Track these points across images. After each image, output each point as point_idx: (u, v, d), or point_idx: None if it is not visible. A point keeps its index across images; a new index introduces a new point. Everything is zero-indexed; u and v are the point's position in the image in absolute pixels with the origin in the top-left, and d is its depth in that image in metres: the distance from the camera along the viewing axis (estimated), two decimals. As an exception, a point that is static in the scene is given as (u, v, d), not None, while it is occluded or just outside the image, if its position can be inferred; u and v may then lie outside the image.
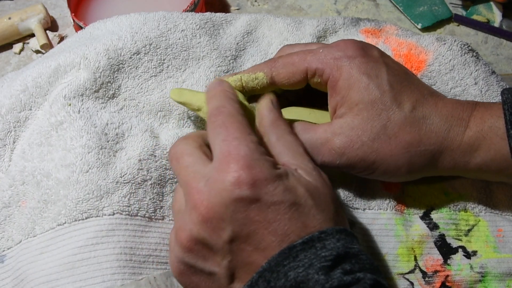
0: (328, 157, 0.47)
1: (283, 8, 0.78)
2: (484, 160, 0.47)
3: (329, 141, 0.47)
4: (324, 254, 0.37)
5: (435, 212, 0.52)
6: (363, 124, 0.46)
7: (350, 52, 0.48)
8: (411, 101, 0.47)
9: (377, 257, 0.49)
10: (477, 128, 0.47)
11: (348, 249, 0.38)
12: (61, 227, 0.46)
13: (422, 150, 0.47)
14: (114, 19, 0.58)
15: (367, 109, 0.46)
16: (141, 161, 0.49)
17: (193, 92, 0.50)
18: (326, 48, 0.49)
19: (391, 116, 0.46)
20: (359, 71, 0.47)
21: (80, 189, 0.47)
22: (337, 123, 0.47)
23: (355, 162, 0.47)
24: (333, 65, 0.48)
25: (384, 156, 0.46)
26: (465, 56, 0.57)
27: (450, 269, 0.50)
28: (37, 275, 0.44)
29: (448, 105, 0.48)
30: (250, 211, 0.38)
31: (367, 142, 0.46)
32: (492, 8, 0.78)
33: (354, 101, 0.47)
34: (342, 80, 0.47)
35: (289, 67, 0.49)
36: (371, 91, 0.46)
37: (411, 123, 0.46)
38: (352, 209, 0.51)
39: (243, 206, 0.38)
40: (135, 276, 0.45)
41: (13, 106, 0.52)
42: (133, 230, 0.46)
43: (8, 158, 0.51)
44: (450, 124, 0.47)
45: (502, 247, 0.51)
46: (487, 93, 0.56)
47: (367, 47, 0.49)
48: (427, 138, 0.47)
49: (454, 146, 0.47)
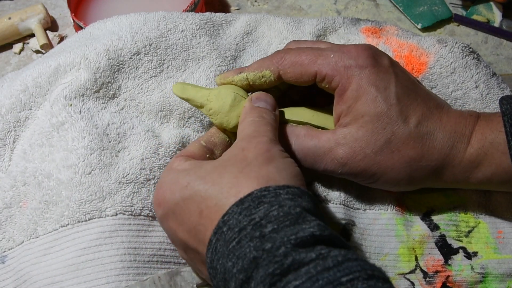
0: (330, 165, 0.47)
1: (283, 8, 0.78)
2: (486, 175, 0.48)
3: (332, 151, 0.47)
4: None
5: (435, 214, 0.52)
6: (367, 136, 0.46)
7: (361, 61, 0.47)
8: (417, 115, 0.47)
9: (378, 257, 0.50)
10: (478, 144, 0.47)
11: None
12: (64, 228, 0.46)
13: (424, 165, 0.47)
14: (114, 19, 0.58)
15: (373, 121, 0.46)
16: (143, 160, 0.49)
17: (196, 88, 0.49)
18: (337, 54, 0.48)
19: (396, 131, 0.46)
20: (369, 82, 0.47)
21: (83, 191, 0.47)
22: (341, 132, 0.47)
23: (357, 172, 0.47)
24: (343, 73, 0.47)
25: (385, 169, 0.47)
26: (466, 59, 0.57)
27: (451, 270, 0.50)
28: (41, 277, 0.45)
29: (451, 120, 0.48)
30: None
31: (370, 154, 0.46)
32: (492, 8, 0.78)
33: (360, 112, 0.47)
34: (351, 90, 0.47)
35: (297, 68, 0.48)
36: (378, 104, 0.46)
37: (415, 139, 0.47)
38: (353, 209, 0.51)
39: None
40: (139, 277, 0.45)
41: (13, 106, 0.52)
42: (137, 230, 0.46)
43: (8, 158, 0.51)
44: (453, 140, 0.47)
45: (503, 248, 0.51)
46: (488, 96, 0.56)
47: (378, 55, 0.49)
48: (429, 154, 0.47)
49: (456, 163, 0.47)
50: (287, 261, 0.34)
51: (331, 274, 0.33)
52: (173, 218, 0.42)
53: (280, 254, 0.35)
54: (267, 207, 0.37)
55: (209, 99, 0.48)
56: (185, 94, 0.49)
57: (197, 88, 0.49)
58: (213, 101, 0.48)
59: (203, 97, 0.48)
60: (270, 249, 0.35)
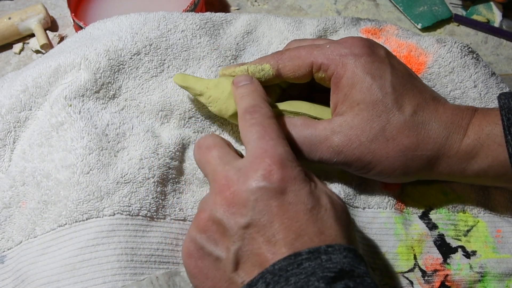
0: (326, 154, 0.48)
1: (283, 8, 0.78)
2: (482, 167, 0.47)
3: (328, 139, 0.47)
4: (329, 266, 0.37)
5: (434, 212, 0.52)
6: (363, 124, 0.47)
7: (357, 50, 0.48)
8: (412, 105, 0.47)
9: (377, 256, 0.50)
10: (475, 135, 0.47)
11: (354, 268, 0.38)
12: (62, 228, 0.46)
13: (419, 155, 0.47)
14: (114, 19, 0.58)
15: (368, 109, 0.47)
16: (142, 160, 0.49)
17: (196, 78, 0.51)
18: (333, 44, 0.49)
19: (391, 119, 0.47)
20: (364, 71, 0.47)
21: (80, 190, 0.47)
22: (337, 121, 0.47)
23: (352, 161, 0.47)
24: (338, 61, 0.48)
25: (380, 158, 0.47)
26: (465, 58, 0.57)
27: (450, 269, 0.50)
28: (38, 276, 0.45)
29: (448, 111, 0.48)
30: (272, 202, 0.39)
31: (365, 142, 0.46)
32: (492, 8, 0.78)
33: (356, 100, 0.47)
34: (346, 77, 0.47)
35: (295, 60, 0.49)
36: (374, 91, 0.47)
37: (410, 127, 0.47)
38: (351, 208, 0.51)
39: (267, 196, 0.39)
40: (136, 277, 0.45)
41: (13, 106, 0.52)
42: (134, 230, 0.46)
43: (8, 158, 0.51)
44: (449, 131, 0.47)
45: (501, 248, 0.51)
46: (486, 96, 0.56)
47: (374, 45, 0.49)
48: (424, 143, 0.47)
49: (451, 153, 0.47)
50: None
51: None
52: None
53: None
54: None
55: (208, 87, 0.50)
56: (185, 83, 0.50)
57: (197, 78, 0.51)
58: (212, 89, 0.50)
59: (202, 85, 0.50)
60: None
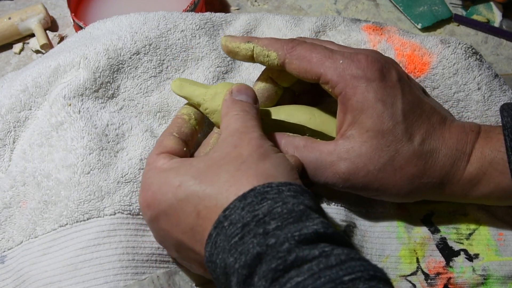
0: (332, 179, 0.47)
1: (283, 8, 0.78)
2: (484, 193, 0.48)
3: (334, 165, 0.46)
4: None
5: (436, 217, 0.52)
6: (371, 152, 0.46)
7: (369, 73, 0.46)
8: (421, 133, 0.47)
9: (379, 259, 0.49)
10: (477, 164, 0.47)
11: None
12: (63, 228, 0.46)
13: (425, 182, 0.47)
14: (114, 19, 0.58)
15: (377, 138, 0.46)
16: (142, 160, 0.49)
17: (193, 87, 0.49)
18: (346, 61, 0.47)
19: (400, 149, 0.46)
20: (375, 97, 0.46)
21: (81, 190, 0.47)
22: (344, 146, 0.46)
23: (358, 188, 0.47)
24: (348, 82, 0.46)
25: (387, 186, 0.47)
26: (469, 60, 0.57)
27: (453, 272, 0.50)
28: (39, 277, 0.44)
29: (453, 136, 0.47)
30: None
31: (372, 171, 0.46)
32: (492, 8, 0.78)
33: (365, 126, 0.46)
34: (356, 101, 0.46)
35: (304, 63, 0.47)
36: (384, 120, 0.46)
37: (419, 156, 0.46)
38: (354, 211, 0.50)
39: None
40: (138, 276, 0.45)
41: (13, 106, 0.52)
42: (135, 229, 0.46)
43: (8, 158, 0.51)
44: (454, 158, 0.47)
45: (504, 251, 0.51)
46: (490, 99, 0.55)
47: (387, 68, 0.48)
48: (431, 171, 0.47)
49: (455, 180, 0.47)
50: (290, 257, 0.34)
51: (333, 272, 0.33)
52: (166, 220, 0.41)
53: (284, 250, 0.35)
54: (271, 203, 0.37)
55: (205, 98, 0.49)
56: (182, 92, 0.49)
57: (194, 86, 0.49)
58: (209, 101, 0.48)
59: (199, 97, 0.49)
60: (274, 244, 0.35)
